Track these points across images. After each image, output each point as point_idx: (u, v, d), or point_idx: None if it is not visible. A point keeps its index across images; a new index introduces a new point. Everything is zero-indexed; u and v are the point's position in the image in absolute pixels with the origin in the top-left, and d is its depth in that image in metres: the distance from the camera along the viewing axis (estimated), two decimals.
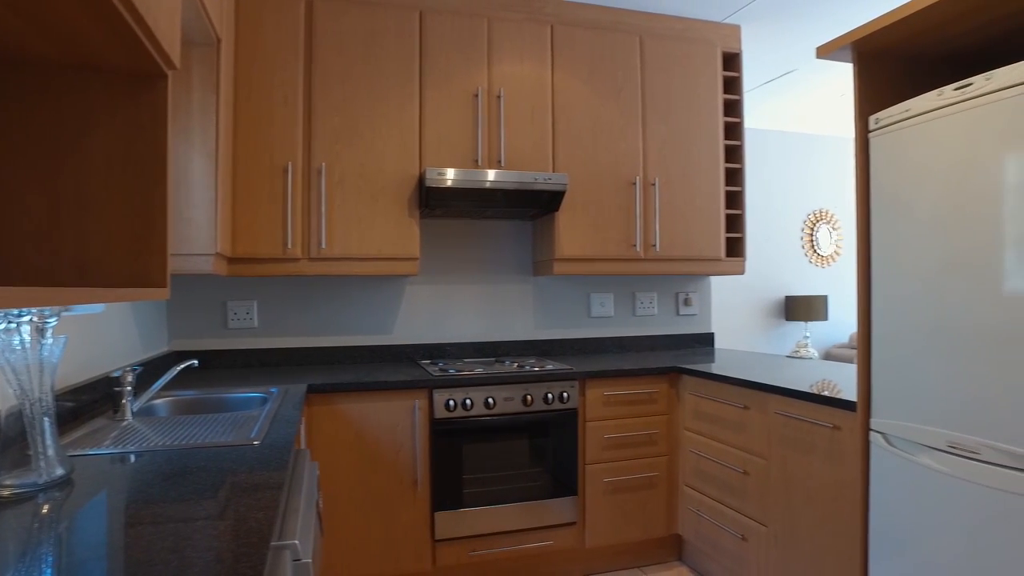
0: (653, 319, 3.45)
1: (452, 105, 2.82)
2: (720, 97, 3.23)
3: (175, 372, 1.99)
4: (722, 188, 3.20)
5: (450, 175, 2.66)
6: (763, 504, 2.31)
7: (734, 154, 3.29)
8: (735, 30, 3.34)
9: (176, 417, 1.83)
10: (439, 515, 2.51)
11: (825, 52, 1.93)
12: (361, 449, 2.42)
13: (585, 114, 2.98)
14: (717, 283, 5.36)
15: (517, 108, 2.89)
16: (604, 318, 3.36)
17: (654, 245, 3.05)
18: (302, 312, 2.96)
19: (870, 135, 1.85)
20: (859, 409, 1.86)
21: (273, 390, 2.23)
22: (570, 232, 2.95)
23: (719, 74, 3.23)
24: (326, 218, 2.66)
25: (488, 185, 2.70)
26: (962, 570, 1.57)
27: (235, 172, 2.55)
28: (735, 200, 3.28)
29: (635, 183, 3.03)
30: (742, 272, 3.25)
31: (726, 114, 3.30)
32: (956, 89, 1.58)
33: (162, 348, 2.74)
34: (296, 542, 0.98)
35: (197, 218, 2.14)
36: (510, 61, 2.89)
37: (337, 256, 2.68)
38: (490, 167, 2.84)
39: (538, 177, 2.74)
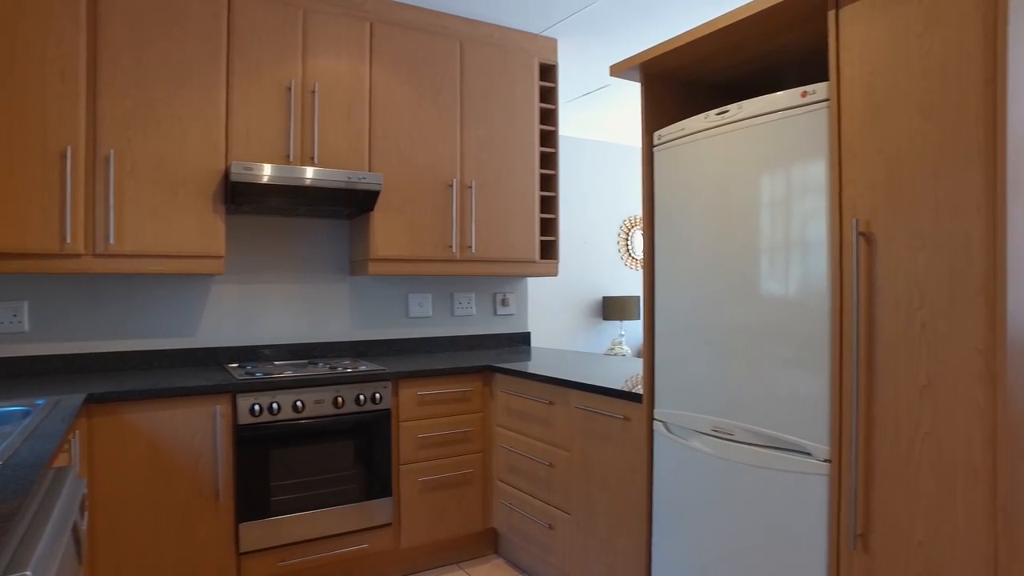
0: (471, 319, 3.53)
1: (263, 96, 2.68)
2: (536, 105, 3.37)
3: None
4: (537, 193, 3.35)
5: (258, 170, 2.54)
6: (567, 494, 2.45)
7: (549, 160, 3.46)
8: (552, 43, 3.51)
9: None
10: (244, 526, 2.38)
11: (616, 71, 2.09)
12: (153, 462, 2.23)
13: (403, 114, 2.98)
14: (538, 284, 5.60)
15: (333, 104, 2.82)
16: (423, 318, 3.38)
17: (470, 247, 3.12)
18: (87, 313, 2.67)
19: (654, 149, 2.04)
20: (644, 401, 2.04)
21: (39, 402, 1.98)
22: (386, 232, 2.93)
23: (536, 83, 3.38)
24: (115, 211, 2.42)
25: (299, 182, 2.61)
26: (725, 536, 1.77)
27: None
28: (550, 205, 3.45)
29: (452, 185, 3.08)
30: (555, 274, 3.43)
31: (542, 122, 3.46)
32: (718, 114, 1.79)
33: None
34: (28, 573, 0.88)
35: None
36: (326, 55, 2.81)
37: (129, 253, 2.45)
38: (303, 163, 2.74)
39: (352, 176, 2.69)
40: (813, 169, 1.55)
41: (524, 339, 3.70)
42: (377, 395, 2.61)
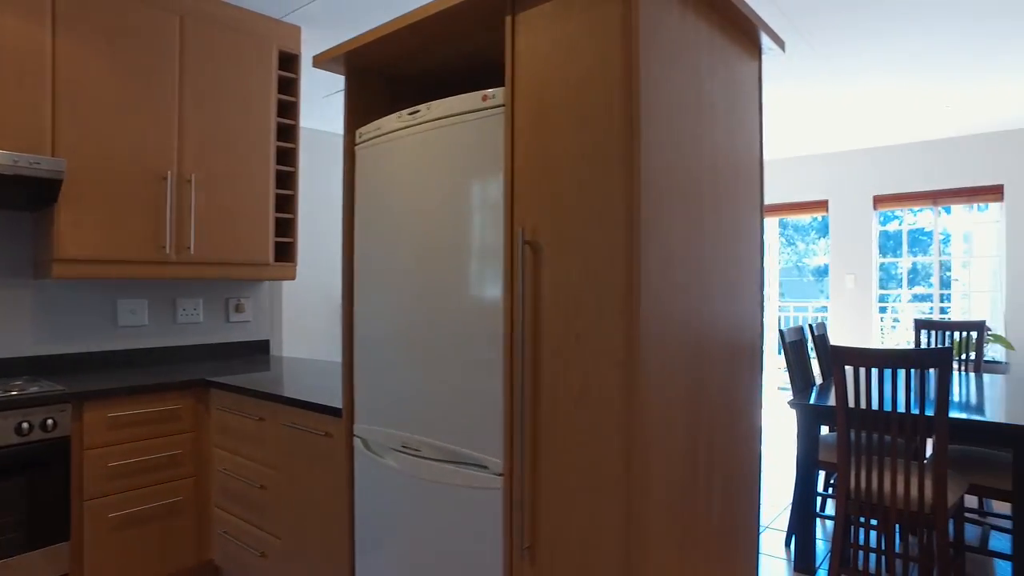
0: (198, 327, 3.16)
1: None
2: (274, 97, 3.11)
3: None
4: (272, 191, 3.09)
5: None
6: (278, 518, 2.24)
7: (288, 157, 3.21)
8: (295, 31, 3.27)
9: None
10: None
11: (320, 62, 1.94)
12: None
13: (102, 94, 2.56)
14: (296, 288, 5.25)
15: None
16: (136, 328, 2.96)
17: (189, 247, 2.78)
18: None
19: (356, 147, 1.91)
20: (344, 416, 1.91)
21: None
22: (75, 229, 2.50)
23: (274, 72, 3.11)
24: None
25: None
26: (418, 557, 1.69)
27: None
28: (288, 204, 3.20)
29: (168, 178, 2.72)
30: (293, 277, 3.19)
31: (282, 115, 3.20)
32: (410, 114, 1.70)
33: None
34: None
35: None
36: None
37: None
38: None
39: (19, 159, 2.24)
40: (492, 175, 1.52)
41: (262, 348, 3.40)
42: (50, 421, 2.19)
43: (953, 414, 2.56)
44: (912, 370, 2.35)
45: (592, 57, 1.33)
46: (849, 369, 3.33)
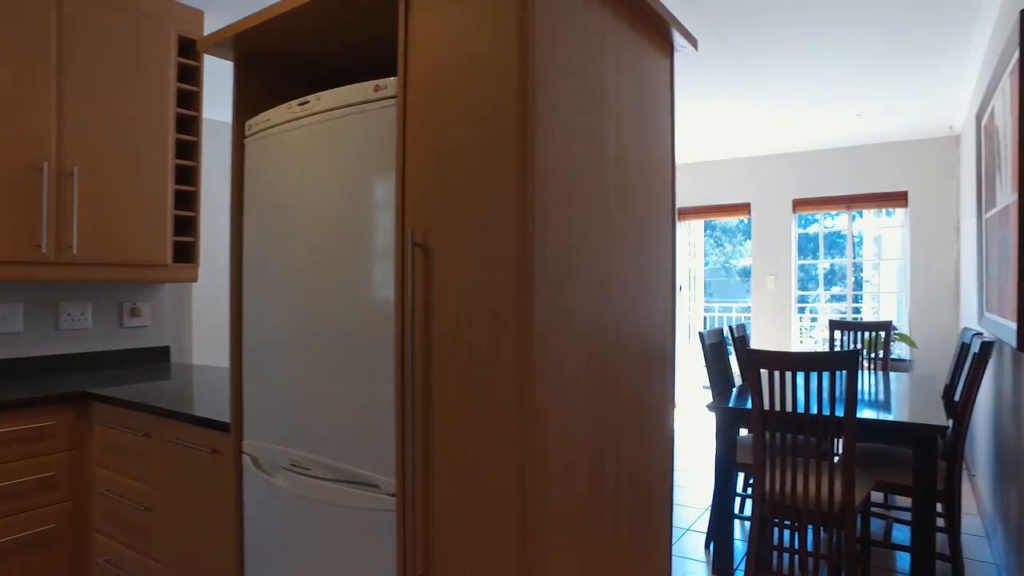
0: (86, 334, 2.91)
1: None
2: (173, 85, 2.89)
3: None
4: (171, 186, 2.87)
5: None
6: (164, 542, 2.06)
7: (190, 151, 2.99)
8: (197, 15, 3.05)
9: None
10: None
11: (205, 46, 1.77)
12: None
13: None
14: (205, 290, 4.95)
15: None
16: (10, 335, 2.68)
17: (71, 247, 2.54)
18: None
19: (246, 140, 1.76)
20: (232, 431, 1.75)
21: None
22: None
23: (173, 59, 2.89)
24: None
25: None
26: None
27: None
28: (189, 201, 2.98)
29: (43, 169, 2.47)
30: (194, 279, 2.98)
31: (182, 105, 2.98)
32: (299, 105, 1.57)
33: None
34: None
35: None
36: None
37: None
38: None
39: None
40: (386, 172, 1.41)
41: (162, 355, 3.17)
42: None
43: (861, 414, 2.61)
44: (824, 372, 2.37)
45: (487, 44, 1.24)
46: (764, 372, 3.37)
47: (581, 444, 1.34)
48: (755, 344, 6.62)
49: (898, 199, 6.14)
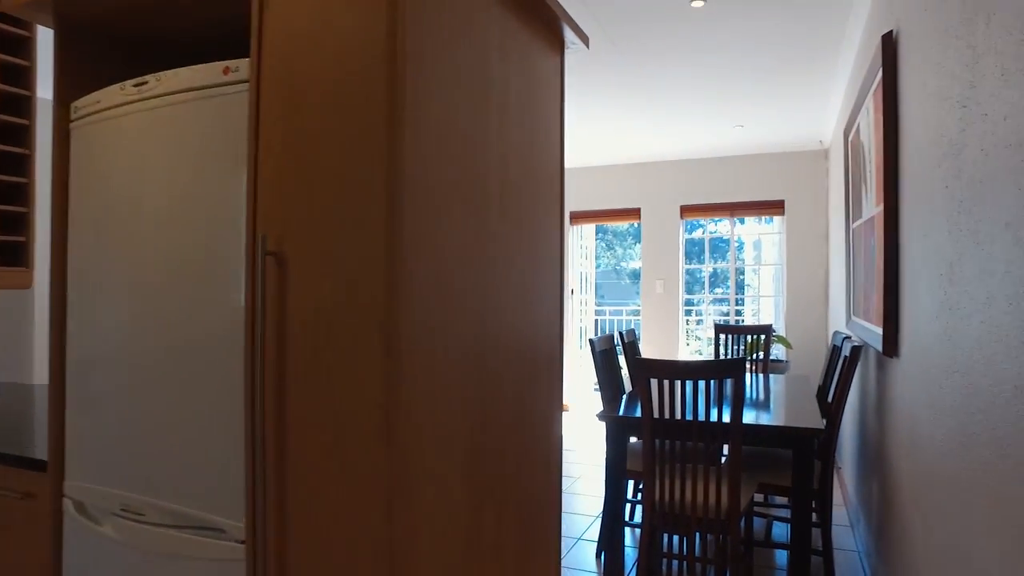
0: None
1: None
2: None
3: None
4: None
5: None
6: None
7: (18, 136, 2.60)
8: None
9: None
10: None
11: (17, 8, 1.49)
12: None
13: None
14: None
15: None
16: None
17: None
18: None
19: (71, 124, 1.50)
20: (51, 470, 1.48)
21: None
22: None
23: None
24: None
25: None
26: None
27: None
28: (18, 194, 2.59)
29: None
30: (28, 285, 2.59)
31: (8, 82, 2.58)
32: (135, 86, 1.34)
33: None
34: None
35: None
36: None
37: None
38: None
39: None
40: (237, 167, 1.21)
41: None
42: None
43: (745, 419, 2.65)
44: (712, 380, 2.37)
45: (353, 25, 1.08)
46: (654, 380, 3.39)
47: (455, 472, 1.21)
48: (644, 345, 6.76)
49: (776, 207, 6.46)
